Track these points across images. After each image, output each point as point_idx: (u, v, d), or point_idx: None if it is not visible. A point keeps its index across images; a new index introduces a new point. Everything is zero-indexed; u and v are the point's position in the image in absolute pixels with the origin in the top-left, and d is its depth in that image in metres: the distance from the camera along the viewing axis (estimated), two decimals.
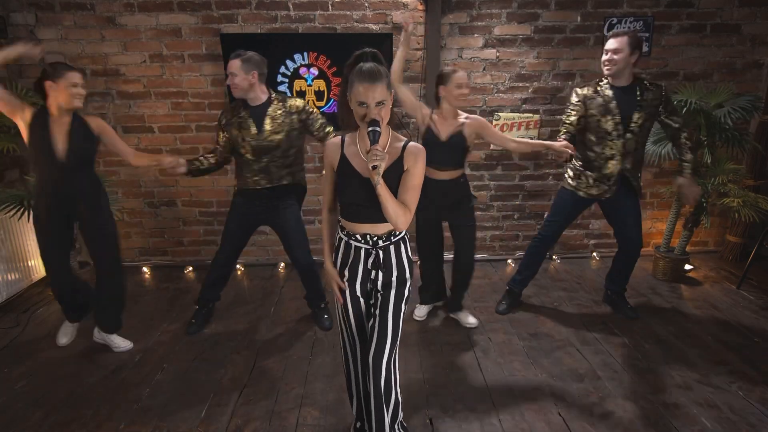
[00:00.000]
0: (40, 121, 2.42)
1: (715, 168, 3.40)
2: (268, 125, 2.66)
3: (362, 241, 1.76)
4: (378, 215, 1.69)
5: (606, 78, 2.77)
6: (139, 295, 3.55)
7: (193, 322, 3.03)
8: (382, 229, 1.75)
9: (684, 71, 3.84)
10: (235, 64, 2.59)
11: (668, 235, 3.75)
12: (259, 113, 2.67)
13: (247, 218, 2.88)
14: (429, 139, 2.73)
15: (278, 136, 2.68)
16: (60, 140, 2.43)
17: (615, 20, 3.70)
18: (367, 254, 1.77)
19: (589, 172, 2.88)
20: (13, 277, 3.45)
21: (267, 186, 2.77)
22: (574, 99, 2.85)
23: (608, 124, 2.74)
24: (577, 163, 2.94)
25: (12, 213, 3.12)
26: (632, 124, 2.72)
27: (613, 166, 2.80)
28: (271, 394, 2.42)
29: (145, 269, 4.00)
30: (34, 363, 2.70)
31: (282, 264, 4.09)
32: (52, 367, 2.67)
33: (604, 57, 2.71)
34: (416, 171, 1.69)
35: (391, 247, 1.79)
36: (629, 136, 2.74)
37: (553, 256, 4.19)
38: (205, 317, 3.08)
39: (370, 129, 1.56)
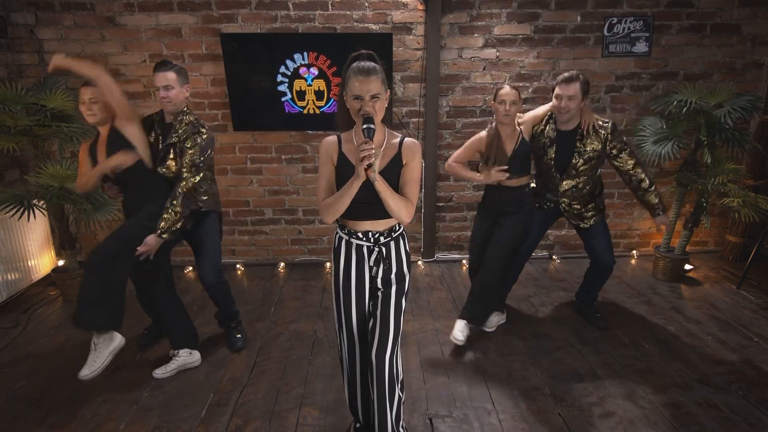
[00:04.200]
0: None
1: (715, 168, 3.40)
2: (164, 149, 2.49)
3: (363, 239, 1.77)
4: (378, 212, 1.71)
5: (553, 120, 2.72)
6: None
7: (145, 334, 2.93)
8: (382, 225, 1.77)
9: (684, 71, 3.85)
10: (170, 76, 2.41)
11: (668, 235, 3.75)
12: (168, 131, 2.51)
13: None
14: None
15: (173, 163, 2.50)
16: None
17: (615, 20, 3.70)
18: (369, 251, 1.78)
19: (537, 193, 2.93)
20: (13, 277, 3.45)
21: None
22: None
23: (546, 164, 2.76)
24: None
25: (12, 213, 3.12)
26: (570, 169, 2.71)
27: (556, 196, 2.83)
28: (271, 394, 2.42)
29: None
30: (34, 363, 2.71)
31: (282, 264, 4.10)
32: (52, 367, 2.67)
33: (559, 103, 2.58)
34: (415, 165, 1.72)
35: (392, 243, 1.80)
36: (567, 178, 2.73)
37: (553, 256, 4.19)
38: (160, 331, 2.93)
39: (364, 126, 1.57)
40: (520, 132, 2.72)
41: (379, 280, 1.81)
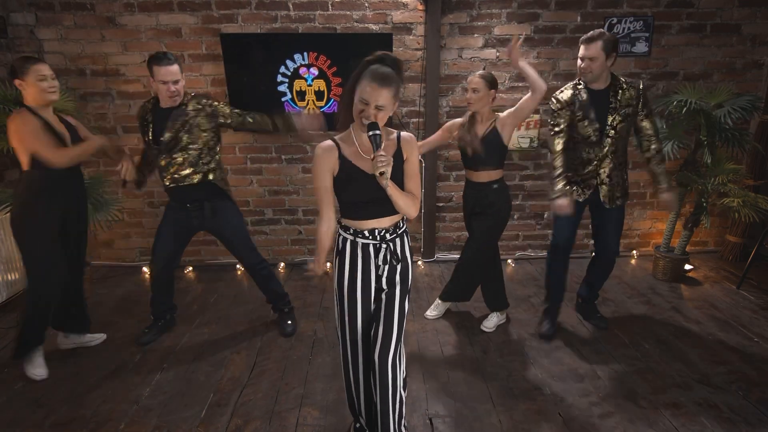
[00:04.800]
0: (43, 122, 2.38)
1: (715, 168, 3.40)
2: (169, 128, 2.55)
3: (369, 237, 1.77)
4: (381, 210, 1.72)
5: (582, 83, 2.67)
6: (139, 295, 3.55)
7: (145, 332, 2.92)
8: (387, 222, 1.78)
9: (684, 71, 3.85)
10: (175, 69, 2.47)
11: (668, 235, 3.75)
12: (165, 116, 2.56)
13: (180, 223, 2.75)
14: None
15: (181, 136, 2.57)
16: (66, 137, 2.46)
17: (615, 20, 3.70)
18: (376, 250, 1.78)
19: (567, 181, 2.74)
20: (13, 277, 3.45)
21: (173, 186, 2.65)
22: (556, 106, 2.70)
23: (587, 129, 2.64)
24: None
25: None
26: (609, 128, 2.61)
27: (591, 170, 2.71)
28: (271, 394, 2.42)
29: (145, 269, 4.00)
30: None
31: (282, 264, 4.10)
32: (52, 367, 2.66)
33: (581, 63, 2.58)
34: (414, 158, 1.77)
35: (397, 240, 1.81)
36: (607, 141, 2.63)
37: None
38: (161, 329, 2.99)
39: (371, 134, 1.57)
40: (495, 120, 2.69)
41: (384, 280, 1.81)
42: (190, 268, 4.01)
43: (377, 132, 1.57)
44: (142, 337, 2.89)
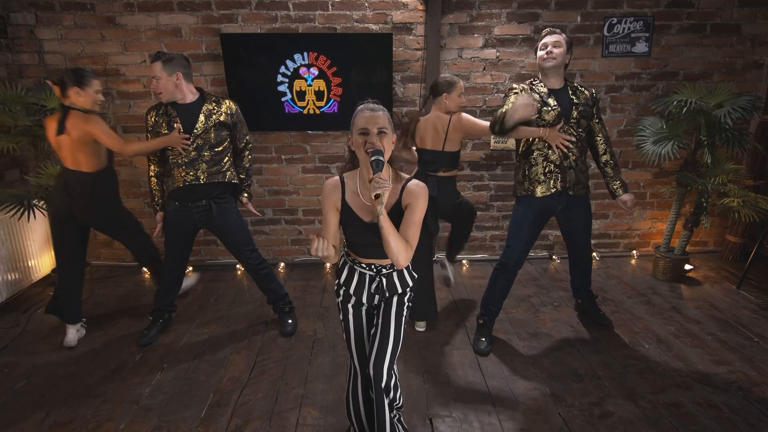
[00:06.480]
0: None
1: (715, 168, 3.40)
2: (201, 123, 2.62)
3: (367, 269, 1.79)
4: (380, 252, 1.68)
5: (538, 79, 2.63)
6: (139, 295, 3.55)
7: (145, 333, 2.91)
8: (385, 261, 1.78)
9: (684, 71, 3.85)
10: (156, 67, 2.53)
11: (668, 235, 3.75)
12: (189, 111, 2.63)
13: (185, 224, 2.78)
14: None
15: (211, 133, 2.65)
16: None
17: (615, 20, 3.70)
18: (371, 280, 1.80)
19: (536, 172, 2.65)
20: (13, 277, 3.45)
21: (195, 183, 2.68)
22: (515, 89, 2.62)
23: (549, 115, 2.55)
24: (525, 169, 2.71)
25: (12, 213, 3.12)
26: (571, 120, 2.58)
27: (557, 155, 2.60)
28: (271, 394, 2.42)
29: (145, 269, 4.00)
30: (34, 363, 2.71)
31: (282, 264, 4.10)
32: (52, 367, 2.67)
33: (543, 51, 2.54)
34: (417, 206, 1.63)
35: (395, 274, 1.81)
36: (571, 127, 2.58)
37: (553, 256, 4.19)
38: (160, 329, 2.99)
39: (373, 159, 1.54)
40: (450, 118, 2.81)
41: (377, 296, 1.83)
42: (190, 268, 4.00)
43: (380, 158, 1.53)
44: (141, 339, 2.89)
